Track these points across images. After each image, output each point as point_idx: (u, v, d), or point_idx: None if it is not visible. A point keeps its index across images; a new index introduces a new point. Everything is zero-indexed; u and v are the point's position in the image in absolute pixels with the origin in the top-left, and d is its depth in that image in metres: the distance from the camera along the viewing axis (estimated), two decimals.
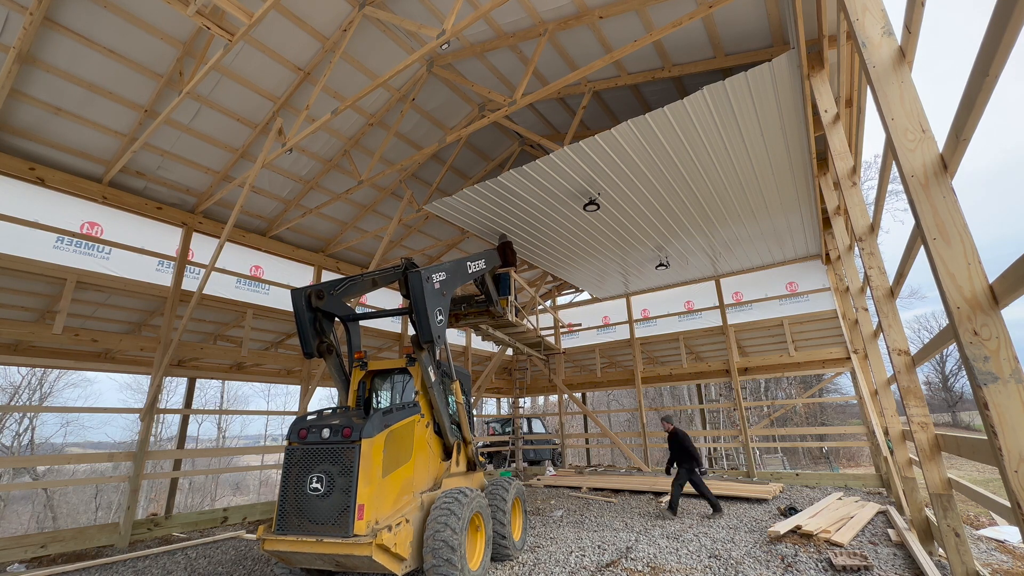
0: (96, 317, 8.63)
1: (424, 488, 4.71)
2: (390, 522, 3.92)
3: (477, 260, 6.54)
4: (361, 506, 3.77)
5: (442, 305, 5.00)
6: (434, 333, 4.71)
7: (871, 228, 5.00)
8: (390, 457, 4.20)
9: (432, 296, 4.87)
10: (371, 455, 3.97)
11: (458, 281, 5.71)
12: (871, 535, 5.67)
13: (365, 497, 3.80)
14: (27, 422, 23.03)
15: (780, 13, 5.82)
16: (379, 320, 11.70)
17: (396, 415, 4.45)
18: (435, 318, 4.78)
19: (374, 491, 3.91)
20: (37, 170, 6.77)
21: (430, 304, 4.77)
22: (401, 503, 4.30)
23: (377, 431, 4.09)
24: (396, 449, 4.32)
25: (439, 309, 4.91)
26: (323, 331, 5.14)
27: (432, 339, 4.67)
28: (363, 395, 5.35)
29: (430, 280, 4.92)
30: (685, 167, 7.38)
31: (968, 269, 2.19)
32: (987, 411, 2.05)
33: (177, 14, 5.91)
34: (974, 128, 2.19)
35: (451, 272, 5.47)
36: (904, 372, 4.36)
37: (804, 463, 25.40)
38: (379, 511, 3.95)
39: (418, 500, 4.45)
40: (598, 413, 20.04)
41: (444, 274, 5.24)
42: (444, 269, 5.30)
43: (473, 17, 4.80)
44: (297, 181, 8.92)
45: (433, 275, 5.02)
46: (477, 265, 6.51)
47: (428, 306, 4.73)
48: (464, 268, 6.03)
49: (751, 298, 11.77)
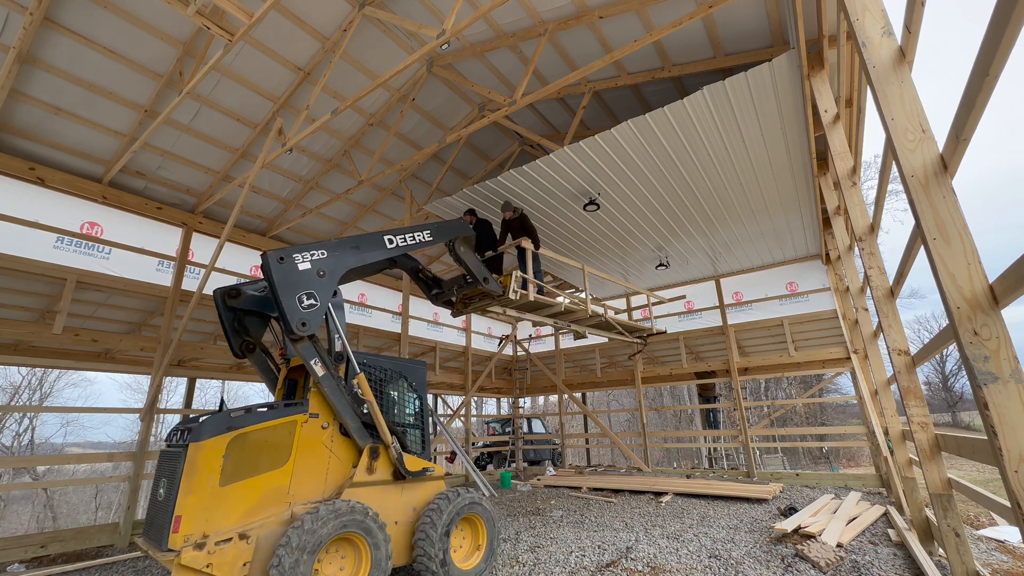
0: (96, 317, 8.63)
1: (313, 499, 4.16)
2: (218, 537, 3.50)
3: (415, 232, 5.48)
4: (177, 517, 3.42)
5: (315, 289, 4.33)
6: (295, 321, 4.08)
7: (871, 228, 5.00)
8: (239, 463, 3.75)
9: (292, 278, 4.24)
10: (198, 461, 3.56)
11: (353, 260, 4.79)
12: (871, 535, 5.67)
13: (185, 508, 3.45)
14: (27, 422, 23.03)
15: (780, 13, 5.82)
16: (379, 320, 11.71)
17: (256, 415, 3.97)
18: (297, 304, 4.16)
19: (201, 501, 3.50)
20: (37, 170, 6.77)
21: (286, 289, 4.15)
22: (263, 515, 3.81)
23: (209, 435, 3.66)
24: (253, 454, 3.85)
25: (306, 294, 4.25)
26: (245, 330, 4.93)
27: (292, 329, 4.06)
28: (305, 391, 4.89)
29: (288, 260, 4.30)
30: (685, 167, 7.37)
31: (968, 269, 2.19)
32: (987, 411, 2.05)
33: (177, 14, 5.91)
34: (974, 128, 2.18)
35: (337, 249, 4.68)
36: (904, 372, 4.36)
37: (804, 463, 25.41)
38: (211, 524, 3.52)
39: (287, 513, 3.93)
40: (598, 413, 20.05)
41: (323, 252, 4.56)
42: (326, 246, 4.64)
43: (473, 17, 4.80)
44: (297, 181, 8.92)
45: (298, 254, 4.39)
46: (412, 238, 5.42)
47: (283, 291, 4.12)
48: (374, 243, 5.07)
49: (751, 298, 11.76)
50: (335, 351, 4.62)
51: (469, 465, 11.35)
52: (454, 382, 13.64)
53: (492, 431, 18.21)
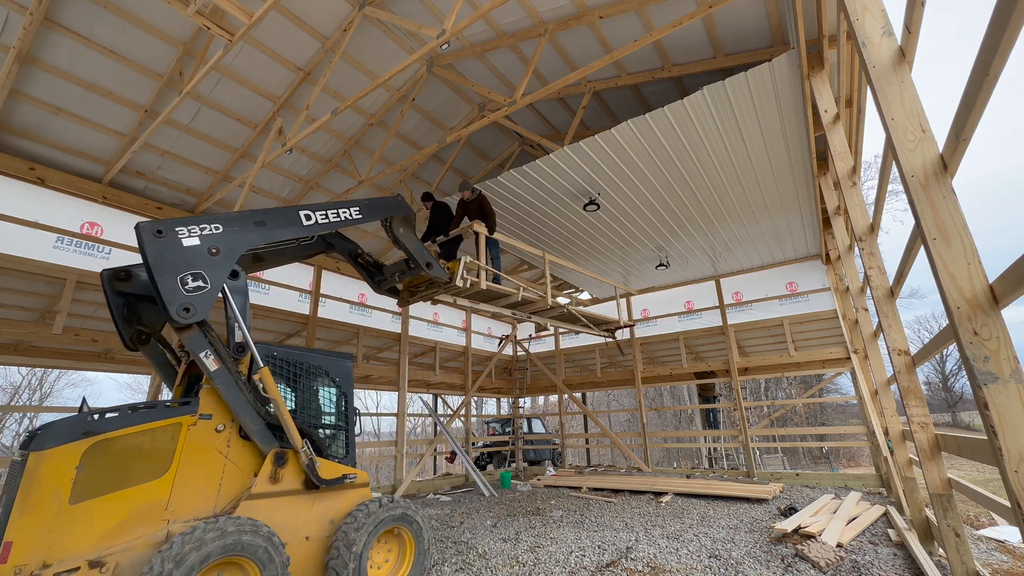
0: (96, 317, 8.63)
1: (201, 514, 3.56)
2: (63, 567, 2.91)
3: (339, 208, 4.76)
4: (7, 544, 2.83)
5: (204, 268, 3.67)
6: (174, 305, 3.38)
7: (871, 228, 5.00)
8: (100, 475, 3.18)
9: (173, 256, 3.56)
10: (40, 474, 2.98)
11: (257, 237, 4.11)
12: (871, 535, 5.67)
13: (18, 531, 2.87)
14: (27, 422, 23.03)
15: (780, 13, 5.82)
16: (379, 320, 11.70)
17: (124, 418, 3.37)
18: (179, 285, 3.49)
19: (41, 522, 2.93)
20: (37, 170, 6.77)
21: (164, 268, 3.49)
22: (129, 536, 3.21)
23: (56, 442, 3.06)
24: (121, 463, 3.29)
25: (192, 274, 3.59)
26: (138, 318, 4.29)
27: (172, 315, 3.37)
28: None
29: (169, 234, 3.64)
30: (685, 167, 7.38)
31: (968, 269, 2.19)
32: (987, 411, 2.05)
33: (177, 14, 5.91)
34: (974, 128, 2.19)
35: (235, 224, 4.01)
36: (904, 372, 4.36)
37: (804, 463, 25.40)
38: (54, 550, 2.93)
39: (162, 533, 3.32)
40: (598, 413, 20.05)
41: (217, 226, 3.90)
42: (221, 220, 3.97)
43: (473, 17, 4.80)
44: (297, 181, 8.92)
45: (183, 227, 3.73)
46: (336, 215, 4.69)
47: (159, 270, 3.46)
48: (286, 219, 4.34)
49: (751, 298, 11.76)
50: (235, 342, 3.97)
51: (469, 465, 11.36)
52: (454, 382, 13.64)
53: (492, 431, 18.21)
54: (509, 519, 7.46)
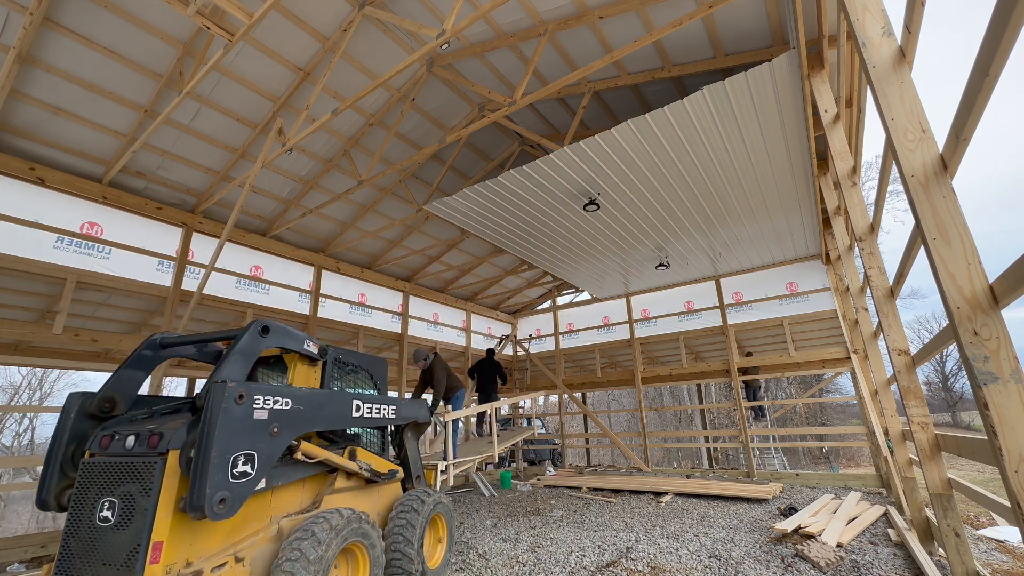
0: (96, 317, 8.63)
1: (293, 510, 3.65)
2: (211, 563, 2.90)
3: (383, 406, 4.57)
4: (158, 544, 2.75)
5: (259, 449, 3.09)
6: (212, 496, 2.77)
7: (871, 228, 5.01)
8: None
9: (238, 425, 3.00)
10: (181, 472, 2.93)
11: (321, 422, 3.73)
12: (871, 535, 5.68)
13: (167, 531, 2.80)
14: (27, 422, 23.03)
15: (780, 13, 5.82)
16: (379, 320, 11.71)
17: None
18: (229, 469, 2.90)
19: (189, 520, 2.90)
20: (37, 170, 6.77)
21: (224, 441, 2.90)
22: (244, 533, 3.25)
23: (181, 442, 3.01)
24: None
25: (245, 455, 3.00)
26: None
27: (203, 507, 2.73)
28: None
29: (247, 401, 3.09)
30: (685, 167, 7.38)
31: (968, 269, 2.19)
32: (987, 411, 2.05)
33: (177, 14, 5.91)
34: (974, 128, 2.19)
35: (305, 403, 3.57)
36: (904, 372, 4.36)
37: (804, 463, 25.41)
38: (193, 549, 2.94)
39: (273, 528, 3.37)
40: (598, 413, 20.04)
41: (287, 401, 3.38)
42: (291, 395, 3.43)
43: (473, 17, 4.80)
44: (297, 181, 8.92)
45: (258, 395, 3.17)
46: (377, 411, 4.49)
47: (221, 442, 2.88)
48: (344, 405, 4.07)
49: (751, 298, 11.77)
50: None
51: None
52: None
53: None
54: (509, 519, 7.46)
